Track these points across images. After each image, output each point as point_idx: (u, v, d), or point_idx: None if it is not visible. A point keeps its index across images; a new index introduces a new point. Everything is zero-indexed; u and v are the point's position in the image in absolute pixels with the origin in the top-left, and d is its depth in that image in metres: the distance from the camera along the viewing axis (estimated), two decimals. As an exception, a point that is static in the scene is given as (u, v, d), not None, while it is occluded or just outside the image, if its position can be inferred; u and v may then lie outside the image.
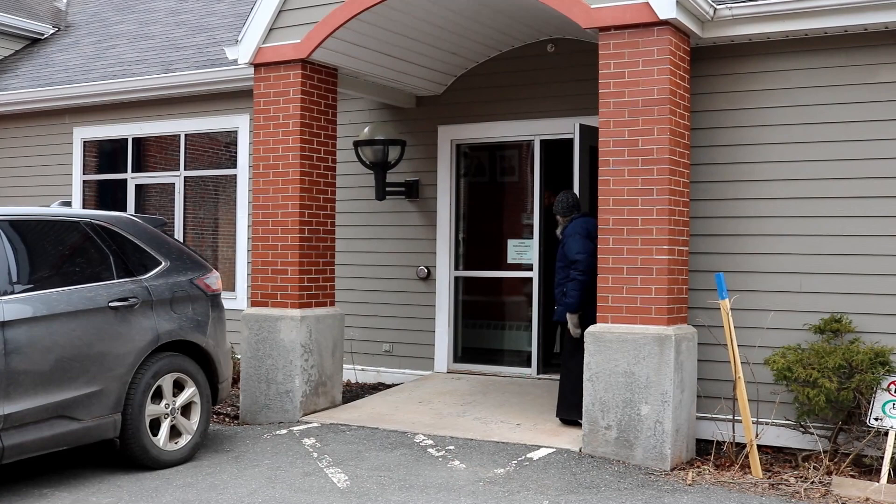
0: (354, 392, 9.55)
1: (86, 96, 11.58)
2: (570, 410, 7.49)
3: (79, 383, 6.06)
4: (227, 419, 8.47)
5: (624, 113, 6.87)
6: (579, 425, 7.33)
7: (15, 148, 12.56)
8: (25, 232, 6.22)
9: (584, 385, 6.91)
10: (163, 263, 6.91)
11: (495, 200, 10.18)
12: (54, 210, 6.62)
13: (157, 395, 6.63)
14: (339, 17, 7.87)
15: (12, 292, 5.86)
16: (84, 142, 12.03)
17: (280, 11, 8.18)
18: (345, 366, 9.53)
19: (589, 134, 8.06)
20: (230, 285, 10.68)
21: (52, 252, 6.46)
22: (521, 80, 9.35)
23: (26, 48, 14.15)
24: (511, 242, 9.75)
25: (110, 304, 6.35)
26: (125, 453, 6.46)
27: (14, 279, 5.92)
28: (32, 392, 5.79)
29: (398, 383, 9.72)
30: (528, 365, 9.55)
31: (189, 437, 6.82)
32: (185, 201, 11.29)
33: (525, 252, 9.60)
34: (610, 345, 6.79)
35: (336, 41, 8.09)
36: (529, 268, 9.53)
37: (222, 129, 10.97)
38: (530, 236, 9.56)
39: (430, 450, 6.95)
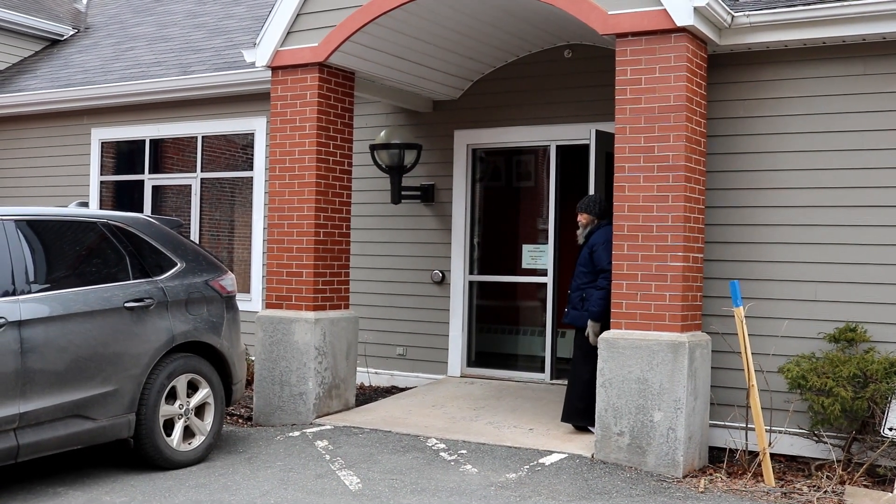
0: (367, 395, 9.57)
1: (104, 97, 11.66)
2: (577, 416, 7.48)
3: (94, 383, 6.10)
4: (240, 420, 8.50)
5: (640, 119, 6.87)
6: (590, 431, 7.33)
7: (33, 148, 12.65)
8: (43, 232, 6.27)
9: (597, 391, 6.91)
10: (178, 265, 6.95)
11: (511, 205, 10.19)
12: (71, 210, 6.67)
13: (172, 396, 6.67)
14: (356, 21, 7.89)
15: (29, 292, 5.91)
16: (102, 143, 12.10)
17: (298, 15, 8.21)
18: (358, 369, 9.54)
19: (605, 140, 8.05)
20: (245, 287, 10.72)
21: (68, 252, 6.51)
22: (537, 85, 9.35)
23: (46, 49, 14.26)
24: (526, 247, 9.75)
25: (126, 304, 6.39)
26: (139, 453, 6.50)
27: (31, 279, 5.97)
28: (48, 391, 5.83)
29: (411, 387, 9.73)
30: (542, 370, 9.53)
31: (202, 438, 6.85)
32: (201, 203, 11.34)
33: (540, 257, 9.60)
34: (623, 351, 6.78)
35: (353, 45, 8.12)
36: (544, 273, 9.52)
37: (239, 132, 11.01)
38: (545, 241, 9.55)
39: (442, 454, 6.96)
